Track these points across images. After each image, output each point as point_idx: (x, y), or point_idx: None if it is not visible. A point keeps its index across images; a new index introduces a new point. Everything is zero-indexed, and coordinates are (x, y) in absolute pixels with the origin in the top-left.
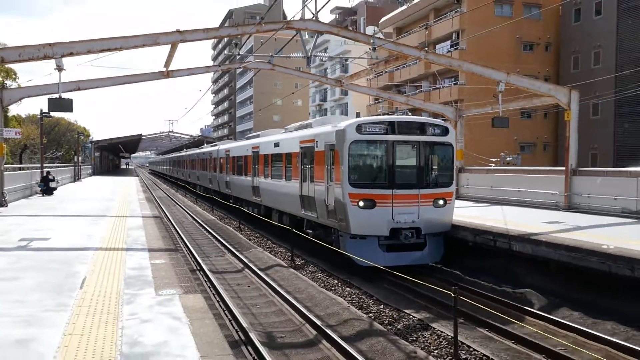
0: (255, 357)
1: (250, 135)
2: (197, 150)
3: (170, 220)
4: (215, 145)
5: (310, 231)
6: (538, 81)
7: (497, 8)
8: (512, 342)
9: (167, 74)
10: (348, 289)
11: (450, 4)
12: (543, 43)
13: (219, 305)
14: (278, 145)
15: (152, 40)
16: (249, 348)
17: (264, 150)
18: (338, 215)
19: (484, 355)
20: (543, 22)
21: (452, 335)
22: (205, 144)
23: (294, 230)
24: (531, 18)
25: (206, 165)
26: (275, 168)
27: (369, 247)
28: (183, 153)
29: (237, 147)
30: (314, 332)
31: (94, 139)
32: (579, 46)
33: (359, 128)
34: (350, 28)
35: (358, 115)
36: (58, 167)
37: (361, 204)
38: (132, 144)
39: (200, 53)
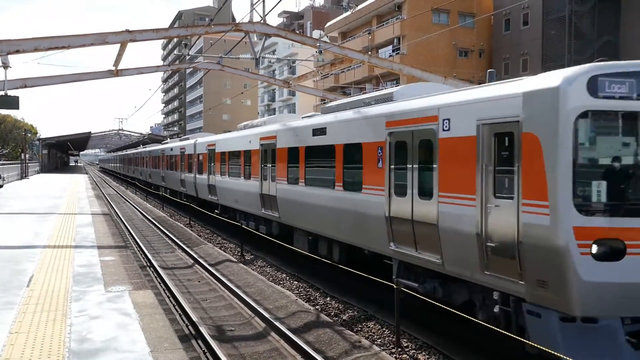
0: (205, 350)
1: (248, 123)
2: (162, 146)
3: (120, 217)
4: (188, 138)
5: (407, 281)
6: (472, 85)
7: (435, 16)
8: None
9: (116, 73)
10: (296, 282)
11: (392, 11)
12: (477, 50)
13: (170, 300)
14: (323, 133)
15: (101, 39)
16: (199, 342)
17: (288, 140)
18: (529, 271)
19: (424, 342)
20: (476, 30)
21: (395, 324)
22: (173, 139)
23: (380, 281)
24: (466, 26)
25: (175, 164)
26: (324, 169)
27: (600, 342)
28: (141, 149)
29: (230, 139)
30: (263, 324)
31: (41, 137)
32: (509, 53)
33: (596, 82)
34: (297, 32)
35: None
36: (4, 164)
37: (599, 249)
38: (81, 141)
39: (151, 53)
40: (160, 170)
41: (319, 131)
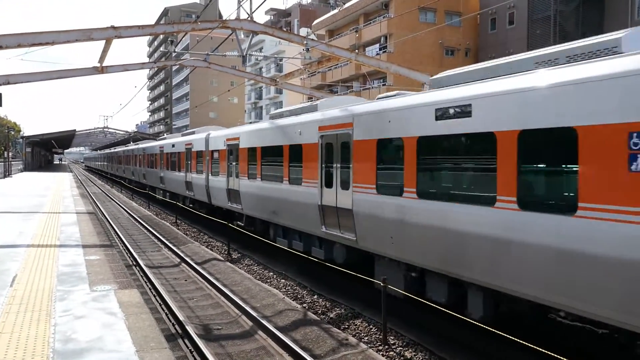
0: (192, 349)
1: (285, 111)
2: (160, 142)
3: (105, 216)
4: (194, 132)
5: None
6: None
7: (422, 15)
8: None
9: (101, 70)
10: (283, 280)
11: (379, 10)
12: (463, 49)
13: (156, 299)
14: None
15: (85, 35)
16: (186, 341)
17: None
18: None
19: (411, 339)
20: (463, 29)
21: (382, 322)
22: (173, 134)
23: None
24: (452, 25)
25: (179, 163)
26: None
27: None
28: (133, 146)
29: (258, 131)
30: (250, 323)
31: (25, 135)
32: (495, 52)
33: None
34: (285, 29)
35: None
36: None
37: None
38: (65, 139)
39: (137, 49)
40: (159, 170)
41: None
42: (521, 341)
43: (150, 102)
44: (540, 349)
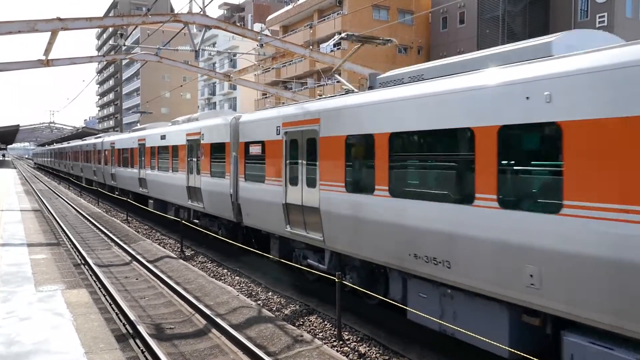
0: (144, 350)
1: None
2: (140, 133)
3: (52, 213)
4: (192, 119)
5: None
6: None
7: (375, 12)
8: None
9: (46, 63)
10: (238, 277)
11: (333, 6)
12: (415, 47)
13: (106, 299)
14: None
15: (29, 26)
16: (137, 341)
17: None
18: None
19: (365, 334)
20: (415, 27)
21: (336, 317)
22: (135, 130)
23: None
24: (405, 23)
25: (174, 161)
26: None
27: None
28: (97, 139)
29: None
30: (204, 321)
31: None
32: (446, 51)
33: None
34: (238, 24)
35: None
36: None
37: None
38: (8, 134)
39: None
40: (136, 170)
41: None
42: (473, 335)
43: (99, 97)
44: (492, 342)
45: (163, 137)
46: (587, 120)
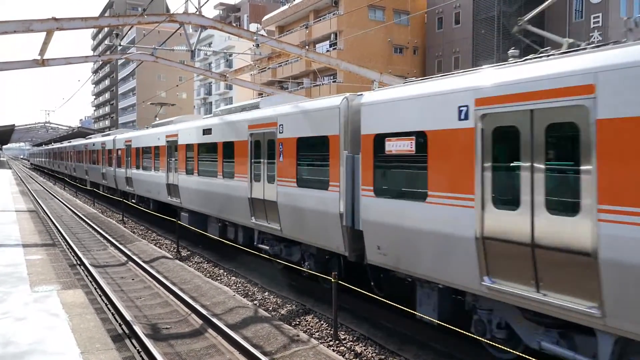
0: (140, 350)
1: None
2: (172, 127)
3: (47, 214)
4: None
5: None
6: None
7: (371, 13)
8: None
9: (42, 63)
10: (234, 278)
11: (329, 7)
12: (411, 47)
13: (102, 299)
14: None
15: (24, 26)
16: (133, 341)
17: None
18: None
19: (361, 334)
20: (411, 28)
21: (333, 317)
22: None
23: None
24: (400, 24)
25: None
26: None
27: None
28: (105, 137)
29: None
30: (200, 321)
31: None
32: (442, 51)
33: None
34: (234, 24)
35: None
36: None
37: None
38: (3, 134)
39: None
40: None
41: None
42: (466, 332)
43: (94, 97)
44: (484, 340)
45: (207, 132)
46: None
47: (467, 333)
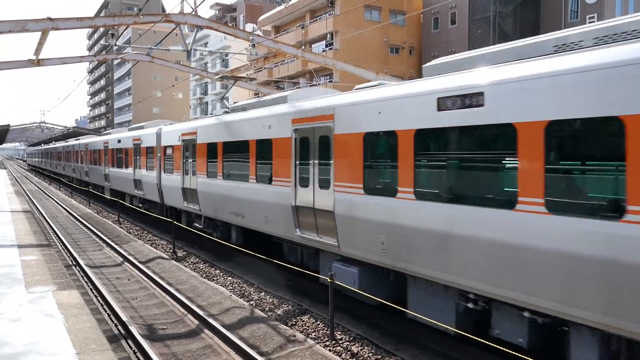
0: (136, 350)
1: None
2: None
3: (43, 214)
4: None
5: None
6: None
7: (367, 13)
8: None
9: (37, 63)
10: (230, 278)
11: (325, 7)
12: (407, 47)
13: (97, 300)
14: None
15: (19, 26)
16: (129, 341)
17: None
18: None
19: (358, 334)
20: (407, 28)
21: (329, 317)
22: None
23: None
24: (396, 24)
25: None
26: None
27: None
28: (134, 132)
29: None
30: (196, 322)
31: None
32: (438, 51)
33: None
34: (230, 24)
35: None
36: None
37: None
38: None
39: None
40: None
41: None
42: (461, 332)
43: (90, 97)
44: (480, 339)
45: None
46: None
47: (465, 334)
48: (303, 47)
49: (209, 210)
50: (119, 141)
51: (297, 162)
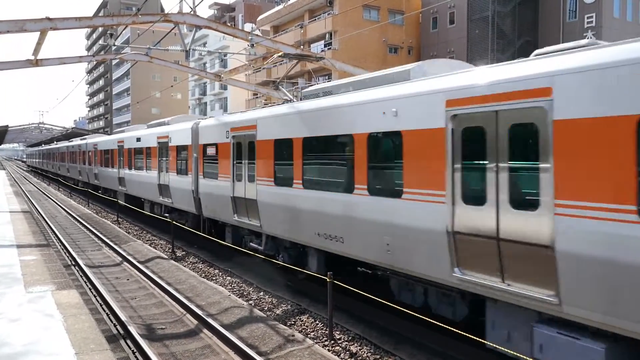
0: (135, 350)
1: None
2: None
3: (41, 215)
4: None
5: None
6: None
7: (366, 12)
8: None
9: (35, 63)
10: (229, 278)
11: (323, 6)
12: (406, 47)
13: (96, 300)
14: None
15: (18, 26)
16: (128, 341)
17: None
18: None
19: (357, 334)
20: (406, 28)
21: (328, 317)
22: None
23: None
24: (395, 24)
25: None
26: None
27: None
28: (168, 127)
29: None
30: (195, 321)
31: None
32: (437, 51)
33: None
34: (229, 24)
35: None
36: None
37: None
38: None
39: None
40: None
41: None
42: (457, 331)
43: (89, 97)
44: (478, 339)
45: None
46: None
47: (464, 333)
48: (302, 47)
49: (275, 227)
50: (138, 139)
51: (457, 164)
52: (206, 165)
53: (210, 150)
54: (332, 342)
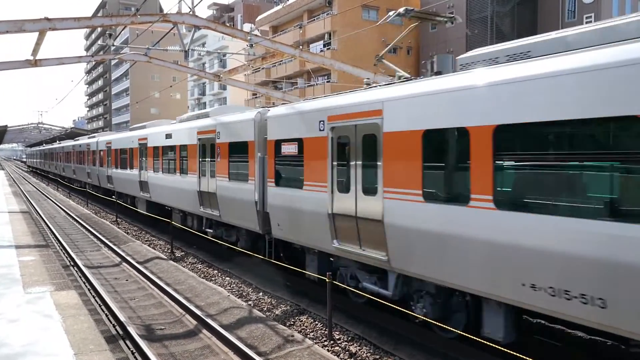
0: (134, 351)
1: None
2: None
3: (40, 215)
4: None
5: None
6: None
7: (365, 12)
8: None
9: (34, 63)
10: (228, 278)
11: (323, 6)
12: (405, 47)
13: (95, 300)
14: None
15: (16, 27)
16: (127, 342)
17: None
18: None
19: (356, 334)
20: (404, 28)
21: (327, 317)
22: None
23: None
24: (394, 23)
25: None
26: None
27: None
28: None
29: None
30: (194, 322)
31: None
32: (436, 51)
33: None
34: (228, 24)
35: None
36: None
37: None
38: None
39: (74, 41)
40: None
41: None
42: (457, 331)
43: (88, 98)
44: (478, 339)
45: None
46: None
47: (463, 333)
48: (301, 47)
49: (411, 262)
50: (168, 136)
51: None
52: (280, 169)
53: (288, 149)
54: (332, 342)
